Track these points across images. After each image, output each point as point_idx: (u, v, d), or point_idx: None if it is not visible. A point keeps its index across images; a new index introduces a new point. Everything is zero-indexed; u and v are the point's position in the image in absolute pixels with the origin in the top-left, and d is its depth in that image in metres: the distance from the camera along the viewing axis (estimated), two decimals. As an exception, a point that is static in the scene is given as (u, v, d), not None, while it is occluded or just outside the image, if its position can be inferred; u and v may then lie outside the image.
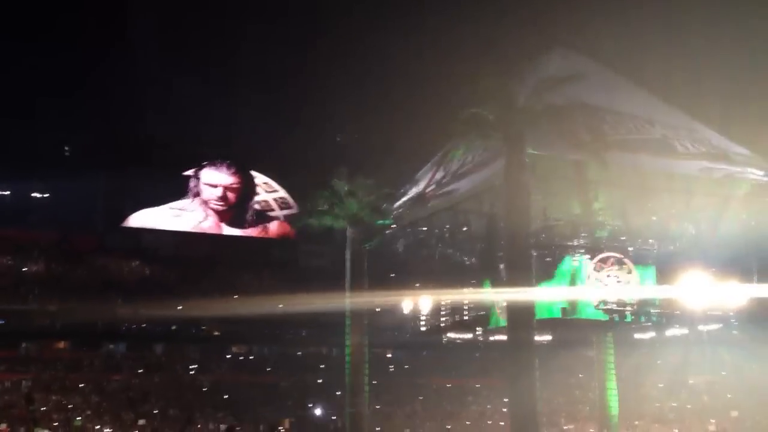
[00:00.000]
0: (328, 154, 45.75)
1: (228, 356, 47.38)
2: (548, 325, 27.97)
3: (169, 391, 40.83)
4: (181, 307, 43.73)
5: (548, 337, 32.91)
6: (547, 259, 28.00)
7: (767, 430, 31.11)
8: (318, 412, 40.40)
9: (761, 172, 26.71)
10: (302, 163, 49.66)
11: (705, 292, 28.22)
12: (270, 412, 37.67)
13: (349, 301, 31.47)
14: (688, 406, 38.23)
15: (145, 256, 49.23)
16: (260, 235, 49.94)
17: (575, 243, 29.23)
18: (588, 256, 28.57)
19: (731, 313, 29.16)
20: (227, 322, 43.22)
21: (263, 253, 49.48)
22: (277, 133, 51.36)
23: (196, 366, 45.05)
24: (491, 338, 31.42)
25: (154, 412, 38.15)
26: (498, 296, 27.69)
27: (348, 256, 31.87)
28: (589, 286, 28.09)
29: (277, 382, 43.25)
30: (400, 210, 30.56)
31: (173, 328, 45.57)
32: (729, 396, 37.29)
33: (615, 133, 26.09)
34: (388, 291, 33.46)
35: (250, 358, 47.85)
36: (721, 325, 29.99)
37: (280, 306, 45.08)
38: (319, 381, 42.52)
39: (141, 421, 36.26)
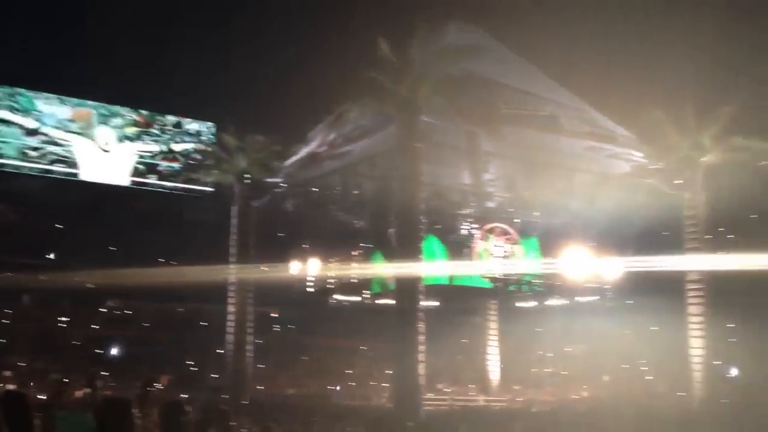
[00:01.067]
0: (217, 107, 45.64)
1: (102, 310, 47.05)
2: (435, 290, 29.60)
3: (37, 343, 40.40)
4: (53, 257, 43.01)
5: (435, 303, 34.76)
6: (437, 226, 29.66)
7: (634, 393, 34.20)
8: (198, 369, 41.01)
9: (640, 154, 29.15)
10: (193, 115, 49.42)
11: (584, 265, 30.73)
12: (147, 369, 38.12)
13: (233, 258, 32.20)
14: (564, 373, 41.26)
15: (14, 201, 47.85)
16: (142, 186, 49.43)
17: (465, 212, 31.13)
18: (476, 225, 30.52)
19: (607, 285, 31.87)
20: (103, 274, 42.84)
21: (146, 204, 49.04)
22: (167, 84, 50.64)
23: (67, 319, 44.57)
24: (379, 301, 32.80)
25: (21, 364, 37.76)
26: (387, 262, 29.07)
27: (235, 212, 32.55)
28: (477, 254, 30.04)
29: (155, 337, 43.51)
30: (291, 169, 31.28)
31: (42, 277, 44.70)
32: (602, 363, 40.46)
33: (507, 107, 27.67)
34: (276, 250, 34.33)
35: (127, 312, 47.72)
36: (597, 296, 32.58)
37: (161, 260, 45.21)
38: (201, 338, 43.06)
39: (7, 373, 35.89)
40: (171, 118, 49.42)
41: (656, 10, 42.13)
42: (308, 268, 32.53)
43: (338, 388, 37.53)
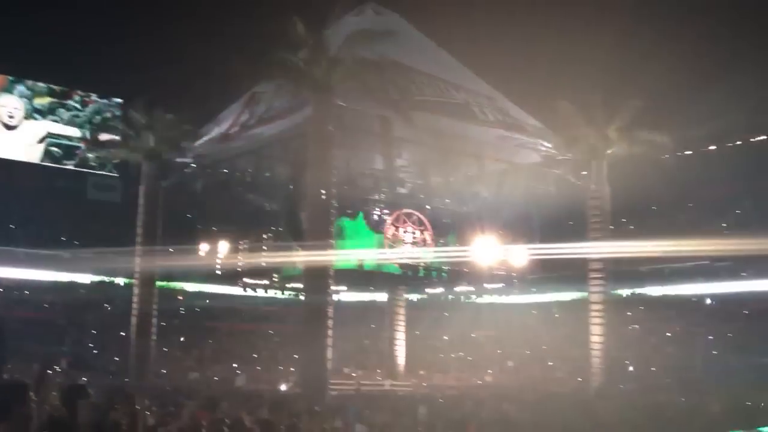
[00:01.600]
0: (125, 84, 44.39)
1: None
2: (345, 275, 29.76)
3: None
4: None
5: (344, 288, 34.96)
6: (348, 210, 29.79)
7: (534, 377, 35.37)
8: (99, 352, 40.15)
9: (549, 145, 30.00)
10: (99, 92, 47.98)
11: (492, 252, 31.46)
12: (45, 351, 37.01)
13: (140, 239, 31.59)
14: (470, 358, 42.27)
15: None
16: (45, 163, 47.80)
17: (376, 197, 31.37)
18: (387, 211, 30.81)
19: (513, 273, 32.72)
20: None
21: (46, 180, 47.49)
22: (72, 58, 48.82)
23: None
24: (288, 285, 32.76)
25: None
26: (297, 246, 29.03)
27: (142, 191, 31.91)
28: (386, 240, 30.32)
29: (54, 319, 42.25)
30: (202, 149, 30.86)
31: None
32: (506, 349, 41.67)
33: (421, 93, 27.99)
34: (184, 232, 33.83)
35: (26, 292, 46.15)
36: (504, 283, 33.41)
37: (63, 239, 43.94)
38: (104, 320, 42.09)
39: None
40: (76, 95, 47.94)
41: (568, 3, 43.32)
42: (217, 251, 32.15)
43: (242, 372, 37.37)
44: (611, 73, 33.96)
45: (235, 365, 38.78)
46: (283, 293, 34.10)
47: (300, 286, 28.84)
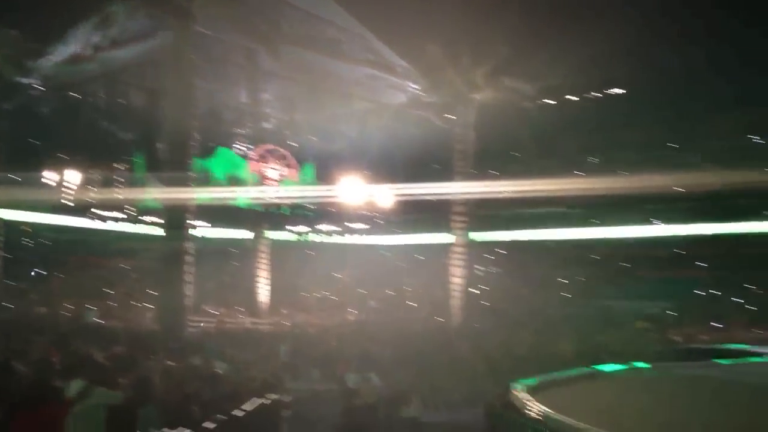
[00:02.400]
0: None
1: None
2: (206, 211, 29.27)
3: None
4: None
5: (205, 224, 34.38)
6: (210, 144, 29.17)
7: (396, 317, 36.27)
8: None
9: (417, 87, 30.37)
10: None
11: (357, 192, 31.82)
12: None
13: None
14: (333, 297, 42.78)
15: None
16: None
17: (240, 132, 30.87)
18: (251, 147, 30.42)
19: (378, 214, 33.28)
20: None
21: None
22: None
23: None
24: (146, 219, 31.85)
25: None
26: (155, 178, 28.20)
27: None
28: (250, 176, 30.01)
29: None
30: (49, 70, 29.08)
31: None
32: (369, 289, 42.44)
33: (290, 26, 27.47)
34: (30, 159, 32.08)
35: None
36: (368, 224, 33.94)
37: None
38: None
39: None
40: None
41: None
42: (68, 181, 30.71)
43: (96, 308, 36.23)
44: (479, 20, 34.44)
45: (87, 301, 37.53)
46: (140, 227, 33.12)
47: (158, 220, 28.07)
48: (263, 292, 37.78)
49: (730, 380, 14.15)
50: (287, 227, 36.38)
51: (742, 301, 36.16)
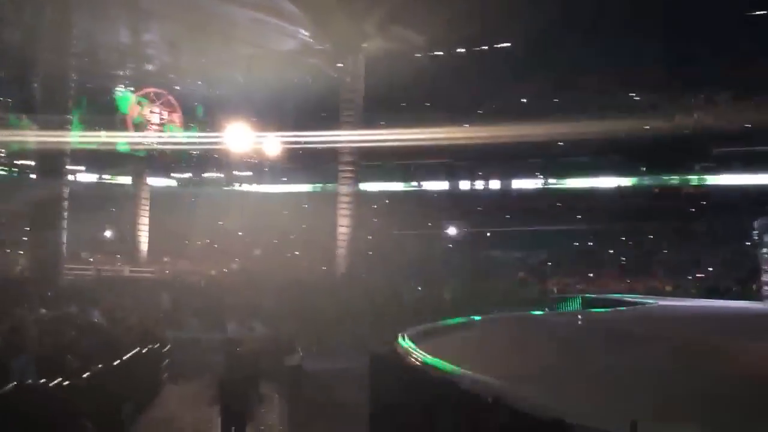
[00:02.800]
0: None
1: None
2: (84, 155, 28.17)
3: None
4: None
5: (82, 168, 33.18)
6: (89, 85, 27.91)
7: (282, 265, 36.15)
8: None
9: (307, 33, 29.86)
10: None
11: (243, 139, 31.24)
12: None
13: None
14: (215, 246, 42.23)
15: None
16: None
17: (121, 73, 29.63)
18: (132, 89, 29.28)
19: (265, 162, 32.86)
20: None
21: None
22: None
23: None
24: (18, 162, 30.43)
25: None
26: (28, 119, 26.85)
27: None
28: (132, 120, 28.95)
29: None
30: None
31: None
32: (255, 237, 42.10)
33: (175, -37, 26.39)
34: None
35: None
36: (254, 172, 33.52)
37: None
38: None
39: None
40: None
41: None
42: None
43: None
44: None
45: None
46: (12, 171, 31.57)
47: (32, 164, 26.78)
48: (144, 239, 36.89)
49: (598, 327, 14.96)
50: (170, 173, 35.50)
51: (615, 252, 38.06)
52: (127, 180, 38.26)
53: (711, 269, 34.28)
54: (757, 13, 37.09)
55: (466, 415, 7.24)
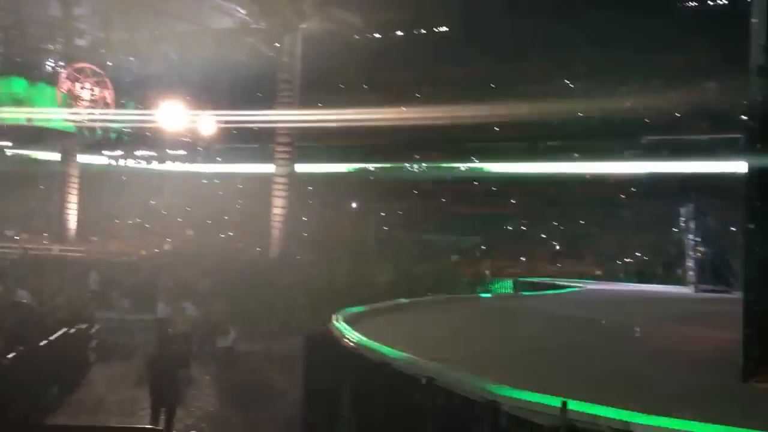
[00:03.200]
0: None
1: None
2: (9, 130, 27.28)
3: None
4: None
5: (7, 144, 32.10)
6: (17, 59, 27.08)
7: (215, 246, 35.69)
8: None
9: (244, 11, 29.45)
10: None
11: (177, 117, 30.65)
12: None
13: None
14: (147, 225, 41.38)
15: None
16: None
17: (50, 47, 28.74)
18: (62, 64, 28.46)
19: (199, 141, 32.32)
20: None
21: None
22: None
23: None
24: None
25: None
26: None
27: None
28: (61, 95, 28.12)
29: None
30: None
31: None
32: (188, 218, 41.41)
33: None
34: None
35: None
36: (188, 151, 32.97)
37: None
38: None
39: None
40: None
41: None
42: None
43: None
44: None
45: None
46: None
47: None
48: (73, 218, 35.99)
49: (530, 309, 15.23)
50: (101, 151, 34.64)
51: (548, 237, 38.73)
52: (55, 157, 37.18)
53: (638, 254, 35.12)
54: (689, 4, 38.25)
55: (401, 396, 7.28)
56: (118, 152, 33.90)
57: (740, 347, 7.26)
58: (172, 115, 30.07)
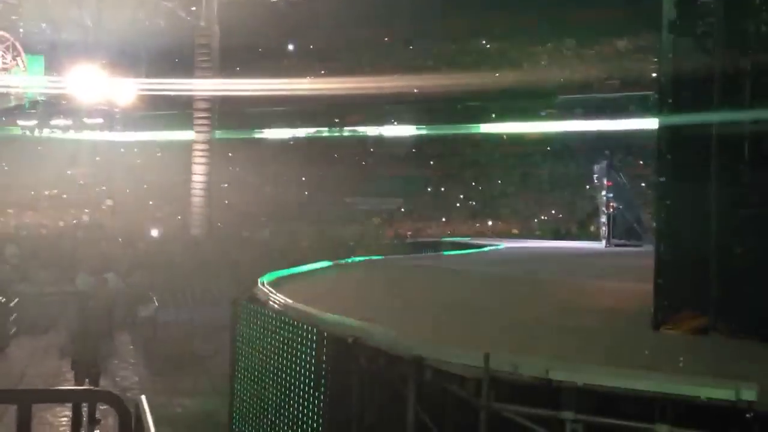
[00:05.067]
0: None
1: None
2: None
3: None
4: None
5: None
6: None
7: (134, 216, 34.78)
8: None
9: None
10: None
11: (93, 85, 29.61)
12: None
13: None
14: (64, 196, 39.97)
15: None
16: None
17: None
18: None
19: (116, 109, 31.30)
20: None
21: None
22: None
23: None
24: None
25: None
26: None
27: None
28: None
29: None
30: None
31: None
32: (106, 188, 40.15)
33: None
34: None
35: None
36: (105, 119, 31.92)
37: None
38: None
39: None
40: None
41: None
42: None
43: None
44: None
45: None
46: None
47: None
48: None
49: (451, 268, 15.41)
50: (14, 120, 33.27)
51: (465, 198, 39.19)
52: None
53: (554, 212, 35.90)
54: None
55: (327, 355, 7.29)
56: (33, 121, 32.56)
57: (652, 297, 7.47)
58: (88, 82, 29.06)
